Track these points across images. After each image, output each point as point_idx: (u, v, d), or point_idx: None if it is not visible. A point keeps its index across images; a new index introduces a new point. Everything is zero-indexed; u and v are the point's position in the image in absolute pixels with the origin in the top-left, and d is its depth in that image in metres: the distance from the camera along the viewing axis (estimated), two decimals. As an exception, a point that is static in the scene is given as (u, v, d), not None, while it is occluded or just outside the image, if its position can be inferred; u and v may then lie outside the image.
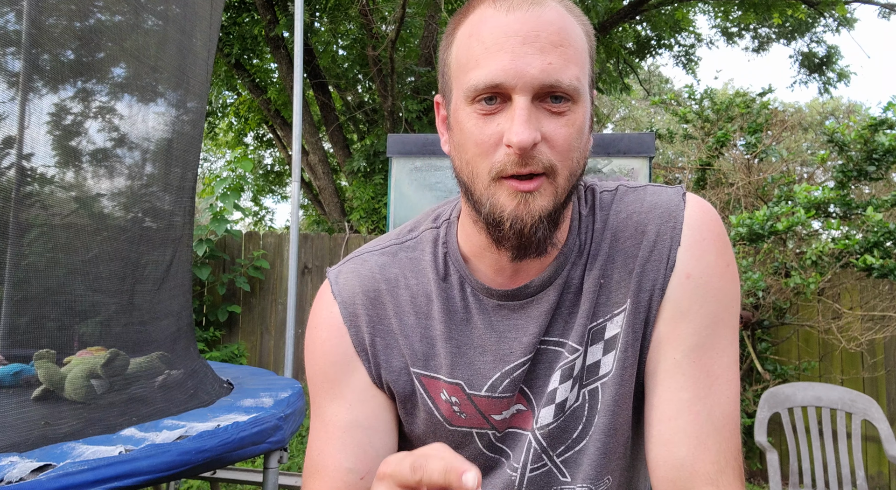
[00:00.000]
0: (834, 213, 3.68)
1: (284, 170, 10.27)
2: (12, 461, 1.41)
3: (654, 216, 0.76)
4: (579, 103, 0.68)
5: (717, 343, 0.73)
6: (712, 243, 0.75)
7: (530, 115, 0.65)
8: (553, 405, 0.77)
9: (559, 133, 0.67)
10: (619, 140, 2.95)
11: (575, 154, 0.69)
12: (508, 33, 0.65)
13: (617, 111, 16.62)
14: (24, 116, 2.02)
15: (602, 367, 0.76)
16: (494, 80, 0.65)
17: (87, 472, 1.41)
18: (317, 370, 0.82)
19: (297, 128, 3.22)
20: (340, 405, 0.80)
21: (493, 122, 0.67)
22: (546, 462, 0.78)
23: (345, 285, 0.83)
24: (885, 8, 6.79)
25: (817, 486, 2.90)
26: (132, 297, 2.12)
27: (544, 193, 0.68)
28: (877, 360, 4.23)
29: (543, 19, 0.66)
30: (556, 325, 0.77)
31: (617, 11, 6.60)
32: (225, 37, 6.61)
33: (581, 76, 0.68)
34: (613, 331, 0.76)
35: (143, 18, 2.27)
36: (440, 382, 0.79)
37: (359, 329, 0.80)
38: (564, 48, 0.66)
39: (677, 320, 0.73)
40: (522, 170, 0.66)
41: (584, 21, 0.72)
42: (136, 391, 1.95)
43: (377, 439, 0.80)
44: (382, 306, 0.81)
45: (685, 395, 0.71)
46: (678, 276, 0.74)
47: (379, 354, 0.80)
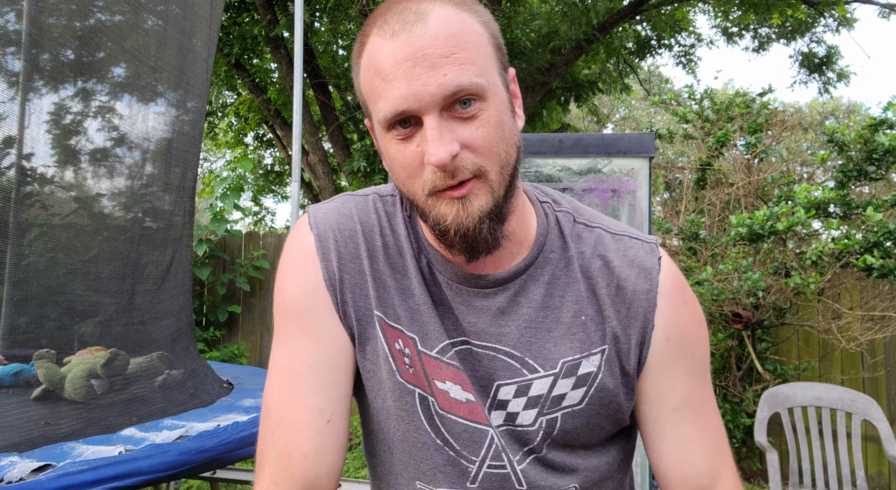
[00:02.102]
0: (834, 213, 3.68)
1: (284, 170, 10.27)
2: (12, 461, 1.41)
3: (632, 273, 0.80)
4: (489, 98, 0.69)
5: (702, 386, 0.82)
6: (684, 306, 0.81)
7: (442, 131, 0.66)
8: (504, 411, 0.79)
9: (476, 136, 0.68)
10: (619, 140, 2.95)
11: (500, 148, 0.70)
12: (398, 60, 0.67)
13: (617, 111, 16.62)
14: (24, 116, 2.02)
15: (567, 400, 0.78)
16: (398, 109, 0.67)
17: (87, 472, 1.41)
18: (286, 300, 0.81)
19: (297, 128, 3.22)
20: (308, 340, 0.79)
21: (411, 144, 0.69)
22: (506, 465, 0.79)
23: (322, 219, 0.84)
24: (885, 8, 6.79)
25: (817, 486, 2.90)
26: (132, 297, 2.12)
27: (479, 193, 0.70)
28: (877, 360, 4.23)
29: (428, 35, 0.67)
30: (507, 333, 0.78)
31: (617, 11, 6.59)
32: (225, 37, 6.61)
33: (482, 71, 0.68)
34: (588, 369, 0.78)
35: (143, 18, 2.27)
36: (397, 332, 0.80)
37: (329, 262, 0.81)
38: (457, 54, 0.67)
39: (665, 375, 0.80)
40: (452, 182, 0.68)
41: (476, 11, 0.72)
42: (136, 391, 1.95)
43: (339, 380, 0.80)
44: (356, 246, 0.82)
45: (692, 435, 0.80)
46: (658, 339, 0.79)
47: (346, 291, 0.81)
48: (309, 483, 0.76)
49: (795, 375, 4.28)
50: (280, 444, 0.77)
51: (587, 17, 6.01)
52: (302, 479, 0.76)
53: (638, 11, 6.77)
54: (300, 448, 0.76)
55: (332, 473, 0.78)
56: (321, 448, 0.77)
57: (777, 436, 4.07)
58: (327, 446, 0.77)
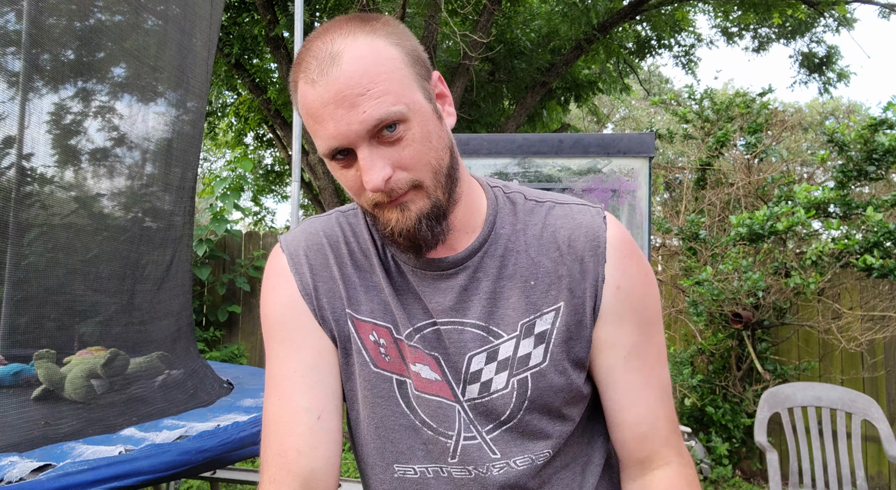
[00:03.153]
0: (834, 213, 3.68)
1: (284, 170, 10.26)
2: (12, 461, 1.41)
3: (580, 233, 0.87)
4: (411, 118, 0.75)
5: (651, 338, 0.88)
6: (631, 259, 0.87)
7: (373, 160, 0.73)
8: (478, 384, 0.85)
9: (405, 156, 0.75)
10: (619, 140, 2.95)
11: (429, 157, 0.77)
12: (323, 103, 0.73)
13: (617, 111, 16.62)
14: (24, 116, 2.02)
15: (532, 359, 0.85)
16: (332, 147, 0.75)
17: (87, 472, 1.41)
18: (268, 315, 0.89)
19: (297, 128, 3.22)
20: (290, 348, 0.87)
21: (351, 170, 0.77)
22: (476, 436, 0.85)
23: (291, 241, 0.93)
24: (885, 8, 6.79)
25: (817, 486, 2.90)
26: (132, 297, 2.12)
27: (416, 199, 0.77)
28: (877, 360, 4.23)
29: (343, 78, 0.72)
30: (472, 307, 0.85)
31: (617, 11, 6.59)
32: (225, 37, 6.61)
33: (399, 97, 0.74)
34: (543, 327, 0.85)
35: (143, 18, 2.27)
36: (370, 325, 0.87)
37: (303, 275, 0.89)
38: (372, 90, 0.72)
39: (617, 324, 0.86)
40: (390, 200, 0.76)
41: (389, 34, 0.77)
42: (136, 391, 1.95)
43: (325, 380, 0.86)
44: (324, 257, 0.90)
45: (637, 384, 0.87)
46: (609, 288, 0.85)
47: (322, 298, 0.88)
48: (305, 478, 0.81)
49: (795, 375, 4.28)
50: (275, 444, 0.83)
51: (587, 17, 6.01)
52: (299, 476, 0.81)
53: (638, 11, 6.77)
54: (294, 445, 0.81)
55: (328, 468, 0.83)
56: (314, 443, 0.82)
57: (777, 436, 4.07)
58: (320, 442, 0.82)
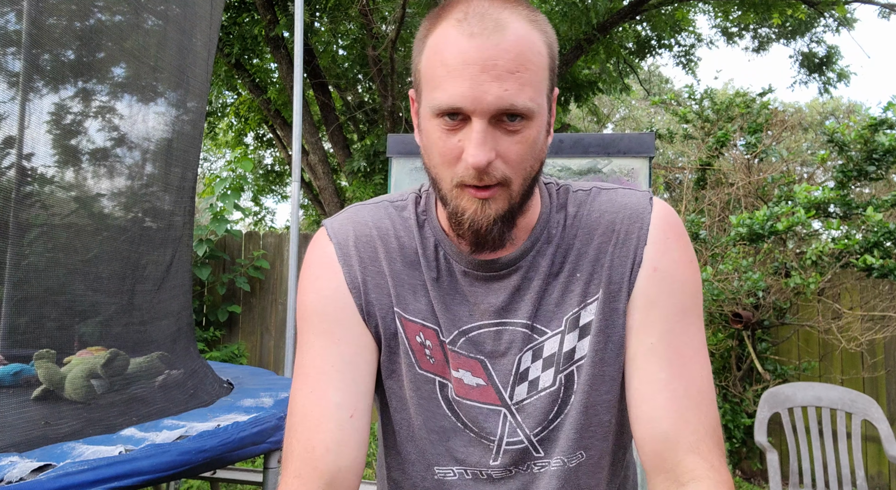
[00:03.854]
0: (834, 213, 3.68)
1: (284, 170, 10.26)
2: (12, 461, 1.41)
3: (623, 216, 0.84)
4: (534, 119, 0.74)
5: (686, 329, 0.81)
6: (675, 241, 0.83)
7: (486, 137, 0.71)
8: (526, 383, 0.84)
9: (512, 150, 0.73)
10: (619, 140, 2.95)
11: (528, 164, 0.76)
12: (468, 61, 0.70)
13: (617, 111, 16.62)
14: (24, 116, 2.02)
15: (577, 352, 0.83)
16: (454, 105, 0.71)
17: (87, 472, 1.41)
18: (309, 306, 0.86)
19: (297, 128, 3.22)
20: (329, 341, 0.84)
21: (454, 136, 0.74)
22: (522, 439, 0.84)
23: (340, 229, 0.89)
24: (885, 8, 6.79)
25: (817, 486, 2.90)
26: (132, 298, 2.12)
27: (499, 199, 0.75)
28: (877, 360, 4.23)
29: (502, 46, 0.70)
30: (522, 306, 0.84)
31: (617, 11, 6.59)
32: (225, 37, 6.61)
33: (536, 95, 0.73)
34: (587, 318, 0.83)
35: (143, 18, 2.27)
36: (417, 326, 0.85)
37: (351, 267, 0.86)
38: (521, 73, 0.71)
39: (648, 308, 0.81)
40: (479, 183, 0.73)
41: (546, 33, 0.76)
42: (136, 391, 1.95)
43: (361, 378, 0.84)
44: (374, 250, 0.87)
45: (662, 375, 0.79)
46: (645, 269, 0.82)
47: (370, 292, 0.86)
48: (332, 476, 0.78)
49: (795, 375, 4.28)
50: (303, 439, 0.80)
51: (587, 17, 6.01)
52: (325, 472, 0.78)
53: (638, 11, 6.77)
54: (323, 442, 0.79)
55: (354, 467, 0.81)
56: (343, 441, 0.79)
57: (777, 436, 4.07)
58: (349, 439, 0.80)
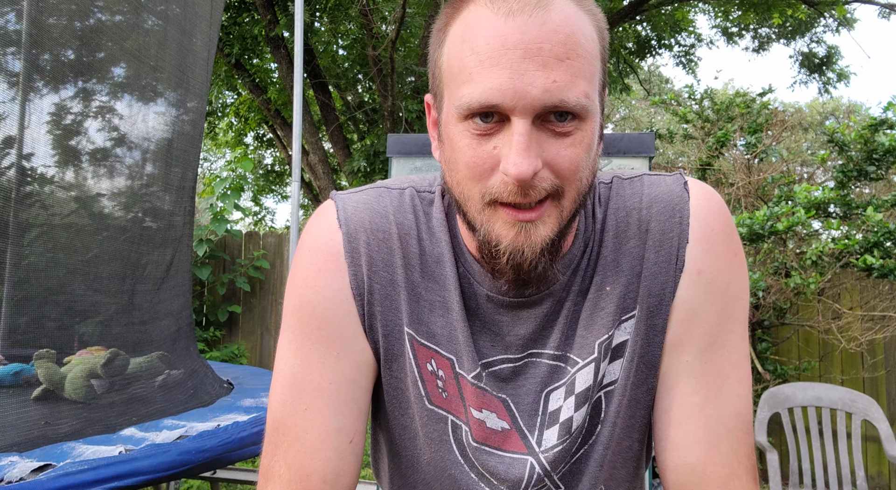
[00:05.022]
0: (834, 213, 3.68)
1: (284, 170, 10.27)
2: (12, 461, 1.41)
3: (656, 211, 0.70)
4: (587, 120, 0.59)
5: (727, 340, 0.69)
6: (721, 234, 0.69)
7: (530, 141, 0.57)
8: (556, 426, 0.70)
9: (564, 156, 0.59)
10: (619, 140, 2.95)
11: (583, 174, 0.61)
12: (507, 45, 0.56)
13: (617, 111, 16.62)
14: (24, 116, 2.02)
15: (607, 377, 0.71)
16: (490, 101, 0.57)
17: (87, 472, 1.41)
18: (308, 306, 0.70)
19: (297, 128, 3.22)
20: (327, 353, 0.70)
21: (488, 142, 0.59)
22: (546, 482, 0.72)
23: (353, 214, 0.72)
24: (885, 8, 6.79)
25: (817, 486, 2.90)
26: (132, 297, 2.12)
27: (547, 221, 0.60)
28: (877, 360, 4.23)
29: (548, 27, 0.56)
30: (552, 336, 0.70)
31: (617, 11, 6.60)
32: (225, 37, 6.61)
33: (590, 91, 0.59)
34: (621, 338, 0.70)
35: (144, 18, 2.27)
36: (431, 352, 0.71)
37: (358, 268, 0.70)
38: (572, 61, 0.57)
39: (689, 321, 0.69)
40: (522, 200, 0.59)
41: (595, 15, 0.62)
42: (136, 391, 1.95)
43: (361, 397, 0.71)
44: (389, 251, 0.71)
45: (696, 398, 0.68)
46: (689, 274, 0.68)
47: (375, 303, 0.70)
48: None
49: (795, 375, 4.28)
50: (296, 464, 0.69)
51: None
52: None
53: (638, 11, 6.77)
54: (319, 471, 0.68)
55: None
56: (341, 470, 0.69)
57: (777, 436, 4.07)
58: (348, 469, 0.70)
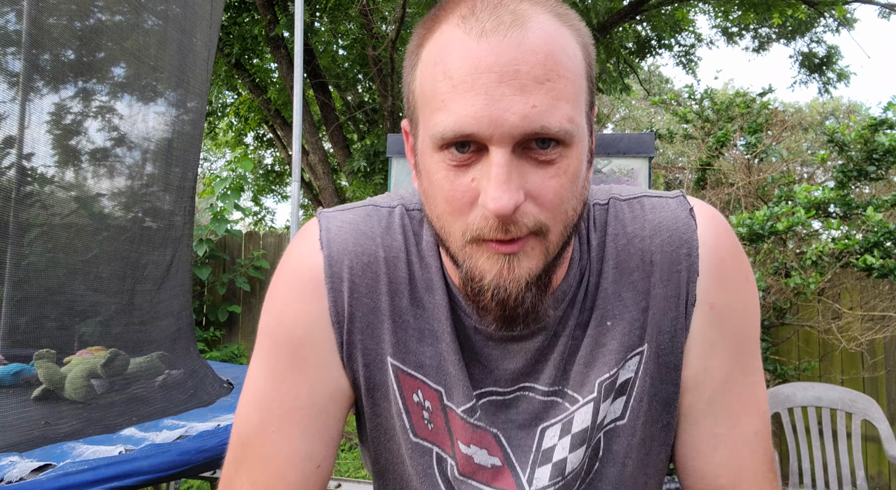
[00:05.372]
0: (834, 213, 3.68)
1: (284, 170, 10.27)
2: (12, 461, 1.41)
3: (660, 241, 0.66)
4: (573, 145, 0.56)
5: (745, 366, 0.68)
6: (731, 263, 0.66)
7: (510, 173, 0.54)
8: (549, 465, 0.66)
9: (548, 187, 0.56)
10: (618, 140, 2.95)
11: (569, 205, 0.58)
12: (481, 68, 0.53)
13: (617, 111, 16.62)
14: (24, 116, 2.02)
15: (608, 416, 0.67)
16: (465, 130, 0.54)
17: (87, 472, 1.41)
18: (283, 330, 0.68)
19: (297, 128, 3.22)
20: (301, 378, 0.68)
21: (466, 174, 0.56)
22: None
23: (337, 235, 0.69)
24: (885, 8, 6.79)
25: (817, 486, 2.90)
26: (132, 297, 2.12)
27: (532, 254, 0.57)
28: (877, 360, 4.23)
29: (525, 47, 0.53)
30: (545, 371, 0.67)
31: (617, 11, 6.60)
32: (225, 37, 6.61)
33: (574, 114, 0.56)
34: (626, 376, 0.66)
35: (144, 18, 2.27)
36: (417, 382, 0.68)
37: (339, 295, 0.67)
38: (553, 83, 0.54)
39: (707, 357, 0.67)
40: (504, 236, 0.56)
41: (579, 30, 0.59)
42: (136, 391, 1.95)
43: (332, 425, 0.69)
44: (374, 278, 0.68)
45: (720, 429, 0.67)
46: (701, 308, 0.66)
47: (355, 332, 0.68)
48: None
49: (795, 375, 4.28)
50: (260, 484, 0.67)
51: (587, 17, 6.01)
52: None
53: (638, 11, 6.77)
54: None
55: None
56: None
57: (777, 436, 4.07)
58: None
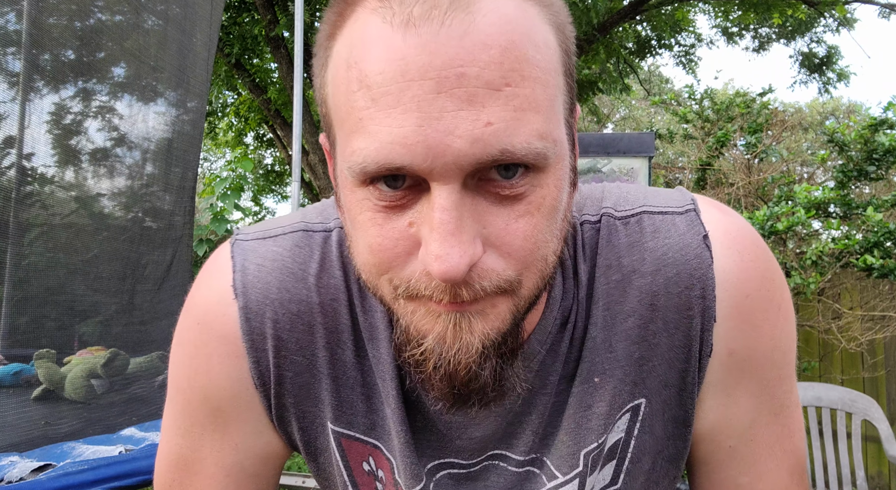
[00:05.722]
0: (834, 213, 3.69)
1: (284, 170, 10.28)
2: (12, 461, 1.42)
3: (665, 280, 0.51)
4: (548, 170, 0.40)
5: (775, 406, 0.55)
6: (758, 296, 0.51)
7: (461, 217, 0.38)
8: None
9: (516, 232, 0.40)
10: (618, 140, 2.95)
11: (547, 250, 0.42)
12: (409, 73, 0.36)
13: (617, 111, 16.63)
14: (24, 116, 2.02)
15: (598, 484, 0.56)
16: (392, 162, 0.37)
17: (87, 472, 1.41)
18: (196, 389, 0.55)
19: (297, 128, 3.22)
20: (223, 442, 0.57)
21: (400, 218, 0.40)
22: None
23: (256, 279, 0.53)
24: (885, 8, 6.80)
25: (817, 486, 2.90)
26: (132, 297, 2.12)
27: (492, 313, 0.41)
28: (877, 360, 4.23)
29: (473, 39, 0.37)
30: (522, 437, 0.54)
31: (617, 11, 6.60)
32: (225, 37, 6.62)
33: (549, 127, 0.39)
34: (615, 438, 0.54)
35: (143, 18, 2.27)
36: (368, 448, 0.55)
37: (262, 355, 0.53)
38: (515, 88, 0.37)
39: (726, 405, 0.55)
40: (454, 299, 0.40)
41: (551, 5, 0.43)
42: (136, 391, 1.95)
43: (264, 487, 0.60)
44: (308, 329, 0.53)
45: (744, 479, 0.57)
46: (718, 357, 0.53)
47: (286, 395, 0.54)
48: None
49: (795, 375, 4.29)
50: None
51: (587, 17, 6.02)
52: None
53: (638, 11, 6.78)
54: None
55: None
56: None
57: (777, 436, 4.08)
58: None
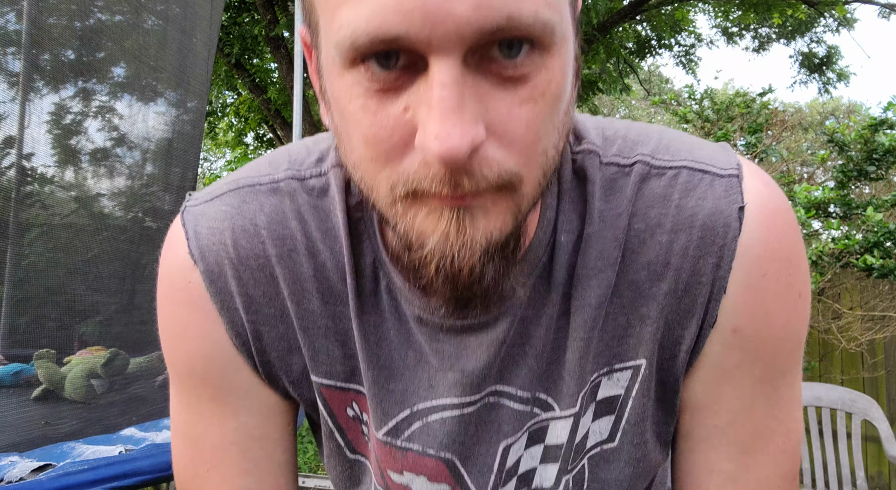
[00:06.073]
0: (834, 213, 3.69)
1: (284, 170, 10.30)
2: (12, 461, 1.42)
3: (688, 241, 0.48)
4: (554, 50, 0.37)
5: (773, 397, 0.52)
6: (777, 278, 0.48)
7: (462, 96, 0.35)
8: (514, 479, 0.54)
9: (518, 118, 0.37)
10: (619, 140, 2.96)
11: (549, 142, 0.39)
12: None
13: (617, 111, 16.63)
14: (24, 116, 2.02)
15: (591, 438, 0.54)
16: (386, 30, 0.34)
17: (87, 472, 1.41)
18: (181, 361, 0.55)
19: (297, 128, 3.22)
20: (224, 410, 0.56)
21: (395, 102, 0.37)
22: None
23: (209, 241, 0.51)
24: (885, 8, 6.80)
25: (817, 486, 2.90)
26: (132, 297, 2.13)
27: (494, 211, 0.39)
28: (877, 360, 4.23)
29: None
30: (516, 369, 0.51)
31: (617, 11, 6.60)
32: (225, 37, 6.62)
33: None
34: (611, 391, 0.52)
35: (143, 18, 2.27)
36: (350, 394, 0.54)
37: (234, 313, 0.52)
38: None
39: (717, 382, 0.52)
40: (454, 192, 0.37)
41: None
42: (136, 391, 1.95)
43: (275, 450, 0.58)
44: (271, 280, 0.52)
45: (729, 466, 0.53)
46: (721, 332, 0.50)
47: (268, 350, 0.54)
48: None
49: (795, 375, 4.29)
50: None
51: (587, 16, 6.02)
52: None
53: (638, 11, 6.78)
54: None
55: None
56: None
57: (777, 436, 4.08)
58: None
